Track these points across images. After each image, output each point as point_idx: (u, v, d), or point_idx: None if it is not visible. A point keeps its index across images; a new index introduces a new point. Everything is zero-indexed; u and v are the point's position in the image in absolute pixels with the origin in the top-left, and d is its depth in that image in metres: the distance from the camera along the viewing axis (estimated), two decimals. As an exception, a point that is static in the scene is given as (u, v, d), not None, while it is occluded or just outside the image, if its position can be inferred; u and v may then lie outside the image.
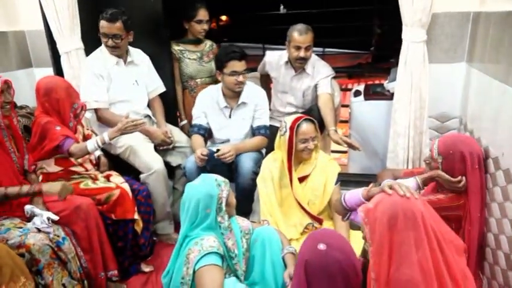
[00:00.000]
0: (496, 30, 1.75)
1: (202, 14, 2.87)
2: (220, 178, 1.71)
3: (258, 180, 2.16)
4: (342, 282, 1.03)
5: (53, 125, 2.14)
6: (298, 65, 2.73)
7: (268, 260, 1.69)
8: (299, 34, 2.60)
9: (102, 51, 2.53)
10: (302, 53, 2.63)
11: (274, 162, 2.14)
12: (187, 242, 1.61)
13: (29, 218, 1.90)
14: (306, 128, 2.05)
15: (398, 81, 2.22)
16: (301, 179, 2.12)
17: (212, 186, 1.64)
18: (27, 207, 1.89)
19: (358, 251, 1.34)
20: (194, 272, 1.51)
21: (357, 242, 1.71)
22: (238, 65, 2.37)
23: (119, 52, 2.51)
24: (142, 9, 2.67)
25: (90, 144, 2.17)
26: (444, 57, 2.25)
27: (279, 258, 1.70)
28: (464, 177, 1.69)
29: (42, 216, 1.83)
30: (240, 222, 1.79)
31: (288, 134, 2.05)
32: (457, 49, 2.23)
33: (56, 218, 1.89)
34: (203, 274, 1.48)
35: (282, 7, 4.92)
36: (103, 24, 2.40)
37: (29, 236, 1.75)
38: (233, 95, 2.51)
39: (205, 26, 2.91)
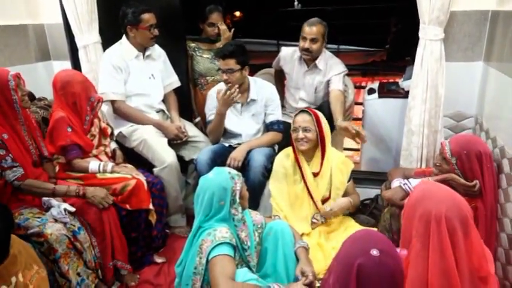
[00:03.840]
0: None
1: (215, 18, 2.92)
2: (233, 171, 1.73)
3: (271, 177, 2.19)
4: None
5: (65, 124, 2.18)
6: (305, 56, 2.76)
7: (281, 252, 1.70)
8: (307, 25, 2.68)
9: (121, 45, 2.57)
10: (307, 44, 2.67)
11: (287, 158, 2.17)
12: (200, 233, 1.63)
13: (46, 209, 1.95)
14: (299, 117, 2.12)
15: (414, 79, 2.21)
16: (315, 174, 2.14)
17: (226, 179, 1.66)
18: (44, 199, 1.94)
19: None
20: (207, 261, 1.54)
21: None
22: (221, 63, 2.43)
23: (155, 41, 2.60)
24: (159, 3, 2.69)
25: (92, 166, 2.21)
26: (461, 56, 2.24)
27: (291, 252, 1.71)
28: (478, 181, 1.69)
29: (59, 207, 1.88)
30: (253, 216, 1.81)
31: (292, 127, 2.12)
32: (475, 48, 2.21)
33: (72, 209, 1.94)
34: (216, 264, 1.50)
35: (296, 3, 4.91)
36: (149, 16, 2.48)
37: (47, 226, 1.80)
38: (239, 90, 2.53)
39: (217, 30, 2.95)
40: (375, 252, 1.03)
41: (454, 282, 1.15)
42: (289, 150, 2.20)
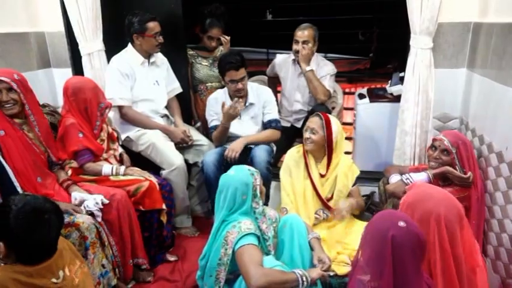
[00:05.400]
0: (499, 39, 1.96)
1: (215, 32, 3.03)
2: (252, 168, 1.86)
3: (282, 169, 2.34)
4: (419, 254, 1.18)
5: (76, 130, 2.24)
6: (298, 58, 2.94)
7: (296, 243, 1.84)
8: (299, 30, 2.91)
9: (127, 52, 2.66)
10: (299, 46, 2.88)
11: (298, 153, 2.33)
12: (224, 226, 1.76)
13: (79, 204, 2.03)
14: (311, 118, 2.29)
15: (406, 84, 2.41)
16: (321, 175, 2.30)
17: (247, 175, 1.79)
18: (75, 194, 2.01)
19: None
20: (233, 252, 1.66)
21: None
22: (235, 74, 2.53)
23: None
24: (162, 13, 2.78)
25: (106, 170, 2.29)
26: (447, 63, 2.46)
27: (305, 242, 1.85)
28: (471, 173, 1.90)
29: (95, 199, 1.96)
30: (268, 211, 1.94)
31: None
32: (459, 56, 2.44)
33: (106, 201, 2.05)
34: (244, 253, 1.62)
35: (268, 13, 5.09)
36: (154, 25, 2.59)
37: (77, 216, 1.93)
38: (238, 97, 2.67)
39: (215, 44, 3.07)
40: (401, 223, 1.18)
41: (453, 276, 1.31)
42: (301, 147, 2.35)
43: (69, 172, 2.29)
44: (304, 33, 2.88)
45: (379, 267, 1.18)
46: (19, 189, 1.77)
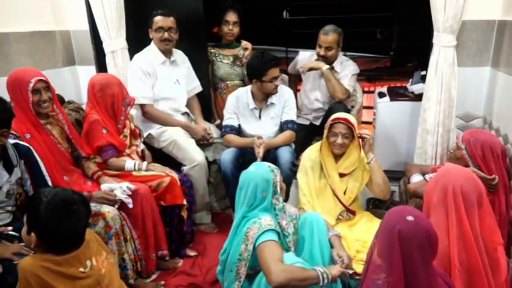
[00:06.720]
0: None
1: (229, 15, 3.01)
2: (272, 165, 1.88)
3: (299, 170, 2.34)
4: (429, 249, 1.19)
5: (100, 126, 2.30)
6: (322, 61, 2.91)
7: (316, 239, 1.84)
8: (323, 34, 2.86)
9: (149, 51, 2.70)
10: (322, 52, 2.87)
11: (315, 153, 2.32)
12: (245, 222, 1.77)
13: None
14: (340, 125, 2.21)
15: (428, 82, 2.39)
16: (341, 175, 2.29)
17: (267, 172, 1.81)
18: (104, 186, 2.08)
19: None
20: (254, 247, 1.67)
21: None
22: (276, 71, 2.54)
23: (171, 46, 2.69)
24: (183, 11, 2.83)
25: (128, 165, 2.34)
26: (470, 62, 2.44)
27: (325, 239, 1.86)
28: (496, 176, 1.86)
29: (122, 187, 2.03)
30: (288, 208, 1.96)
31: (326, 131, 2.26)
32: (482, 54, 2.41)
33: (133, 186, 2.11)
34: (264, 248, 1.63)
35: (285, 11, 5.10)
36: (158, 19, 2.60)
37: (103, 206, 1.99)
38: (263, 97, 2.67)
39: (231, 27, 3.02)
40: (410, 217, 1.20)
41: (470, 246, 1.36)
42: (318, 145, 2.34)
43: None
44: (327, 38, 2.83)
45: (389, 261, 1.20)
46: (49, 183, 1.83)
